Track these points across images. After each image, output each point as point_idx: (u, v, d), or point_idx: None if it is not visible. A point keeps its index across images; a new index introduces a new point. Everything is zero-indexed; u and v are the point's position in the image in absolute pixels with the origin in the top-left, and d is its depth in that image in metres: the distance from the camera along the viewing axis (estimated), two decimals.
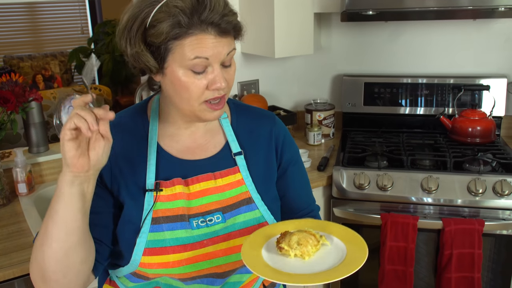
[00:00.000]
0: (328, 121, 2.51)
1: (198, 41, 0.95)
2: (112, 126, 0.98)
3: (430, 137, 2.40)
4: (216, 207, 1.09)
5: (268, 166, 1.18)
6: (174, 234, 1.05)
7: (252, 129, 1.19)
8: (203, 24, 0.94)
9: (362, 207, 2.04)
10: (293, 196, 1.23)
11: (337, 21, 2.57)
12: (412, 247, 1.93)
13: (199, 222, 1.07)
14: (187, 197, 1.08)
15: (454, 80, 2.40)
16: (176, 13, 0.93)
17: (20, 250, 1.54)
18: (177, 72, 0.98)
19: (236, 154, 1.14)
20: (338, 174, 2.05)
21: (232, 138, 1.16)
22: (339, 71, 2.66)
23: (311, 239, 0.96)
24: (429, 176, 1.95)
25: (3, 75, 1.74)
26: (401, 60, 2.55)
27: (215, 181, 1.11)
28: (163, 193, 1.07)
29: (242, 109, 1.23)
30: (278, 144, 1.20)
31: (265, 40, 2.22)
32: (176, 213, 1.06)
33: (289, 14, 2.18)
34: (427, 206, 1.96)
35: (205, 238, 1.07)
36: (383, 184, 1.98)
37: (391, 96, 2.49)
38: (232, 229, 1.09)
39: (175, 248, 1.05)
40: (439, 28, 2.45)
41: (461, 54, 2.46)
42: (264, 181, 1.16)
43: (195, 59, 0.96)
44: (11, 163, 1.95)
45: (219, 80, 0.99)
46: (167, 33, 0.94)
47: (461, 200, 1.92)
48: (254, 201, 1.12)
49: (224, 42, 0.98)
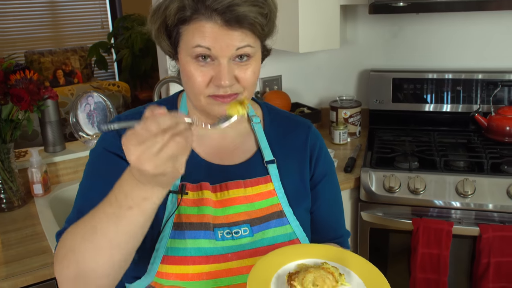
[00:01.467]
0: (354, 119, 2.39)
1: (202, 28, 0.89)
2: (125, 117, 0.97)
3: (463, 136, 2.27)
4: (244, 219, 1.00)
5: (301, 177, 1.08)
6: (197, 243, 0.96)
7: (286, 136, 1.10)
8: (208, 10, 0.88)
9: (391, 211, 1.92)
10: (322, 214, 1.12)
11: (363, 13, 2.44)
12: (446, 255, 1.81)
13: (225, 233, 0.98)
14: (214, 204, 0.99)
15: (488, 75, 2.26)
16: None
17: (33, 256, 1.47)
18: (184, 60, 0.93)
19: (268, 162, 1.05)
20: (366, 176, 1.93)
21: (264, 144, 1.07)
22: (365, 66, 2.54)
23: (328, 279, 0.82)
24: (465, 179, 1.83)
25: (17, 72, 1.67)
26: (432, 54, 2.41)
27: (245, 189, 1.01)
28: (189, 197, 0.98)
29: (275, 113, 1.14)
30: (313, 154, 1.10)
31: (288, 34, 2.11)
32: (200, 221, 0.97)
33: (314, 7, 2.07)
34: (463, 211, 1.84)
35: (230, 252, 0.97)
36: (415, 187, 1.86)
37: (421, 92, 2.36)
38: (260, 244, 0.99)
39: (195, 258, 0.95)
40: (474, 20, 2.30)
41: (498, 47, 2.31)
42: (297, 194, 1.06)
43: (197, 48, 0.89)
44: (26, 163, 1.88)
45: (223, 77, 0.89)
46: (174, 15, 0.90)
47: (500, 205, 1.79)
48: (285, 215, 1.02)
49: (235, 36, 0.89)
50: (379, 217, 1.93)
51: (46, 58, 5.73)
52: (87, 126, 2.04)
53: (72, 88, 3.63)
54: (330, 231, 1.14)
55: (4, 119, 1.68)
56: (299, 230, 1.03)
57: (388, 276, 0.78)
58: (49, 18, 5.99)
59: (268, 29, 0.97)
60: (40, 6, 5.89)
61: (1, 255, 1.49)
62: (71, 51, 5.94)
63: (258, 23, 0.91)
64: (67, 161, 1.99)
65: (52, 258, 1.45)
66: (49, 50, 5.83)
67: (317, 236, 1.12)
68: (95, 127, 2.05)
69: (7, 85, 1.65)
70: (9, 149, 1.74)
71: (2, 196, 1.76)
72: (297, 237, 1.03)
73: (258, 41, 0.96)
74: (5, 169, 1.74)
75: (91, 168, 1.01)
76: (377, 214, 1.94)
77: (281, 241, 1.01)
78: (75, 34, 6.18)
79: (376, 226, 1.95)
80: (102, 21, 6.30)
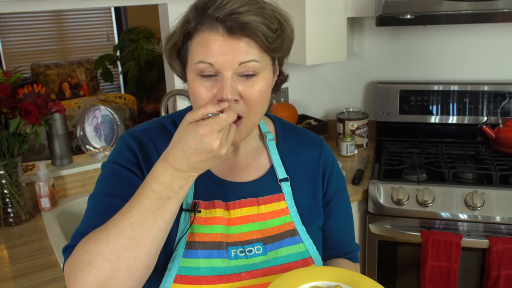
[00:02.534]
0: (361, 131, 2.39)
1: (205, 41, 0.86)
2: (140, 133, 0.99)
3: (471, 148, 2.25)
4: (257, 237, 0.99)
5: (314, 195, 1.07)
6: (210, 263, 0.95)
7: (299, 153, 1.08)
8: (210, 19, 0.86)
9: (400, 223, 1.91)
10: (334, 231, 1.11)
11: (370, 26, 2.45)
12: (455, 267, 1.79)
13: (238, 252, 0.96)
14: (227, 222, 0.98)
15: (495, 87, 2.25)
16: (189, 10, 0.89)
17: (41, 271, 1.46)
18: (190, 77, 0.91)
19: (282, 180, 1.04)
20: (374, 188, 1.92)
21: (278, 162, 1.05)
22: (372, 78, 2.54)
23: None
24: (474, 192, 1.81)
25: (25, 86, 1.68)
26: (440, 67, 2.41)
27: (258, 207, 1.00)
28: (201, 215, 0.97)
29: (288, 129, 1.12)
30: (326, 172, 1.09)
31: (295, 47, 2.10)
32: (213, 239, 0.96)
33: (321, 20, 2.07)
34: (472, 223, 1.82)
35: (243, 271, 0.96)
36: (423, 200, 1.85)
37: (428, 104, 2.35)
38: (274, 263, 0.98)
39: (209, 278, 0.94)
40: (482, 32, 2.30)
41: (503, 59, 2.30)
42: (309, 212, 1.05)
43: (199, 64, 0.87)
44: (34, 177, 1.89)
45: (225, 91, 0.86)
46: (179, 30, 0.90)
47: (509, 217, 1.78)
48: (298, 233, 1.01)
49: (239, 47, 0.86)
50: (387, 230, 1.91)
51: (52, 70, 5.76)
52: (94, 139, 2.04)
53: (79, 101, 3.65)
54: (342, 247, 1.13)
55: (12, 133, 1.68)
56: (312, 248, 1.02)
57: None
58: (55, 31, 6.04)
59: (276, 45, 0.92)
60: (46, 19, 5.94)
61: (8, 269, 1.48)
62: (77, 63, 5.98)
63: (261, 32, 0.87)
64: (74, 174, 1.98)
65: (60, 272, 1.45)
66: (55, 63, 5.87)
67: (329, 252, 1.11)
68: (102, 141, 2.05)
69: (15, 99, 1.65)
70: (16, 163, 1.74)
71: (9, 210, 1.76)
72: (310, 255, 1.02)
73: (266, 57, 0.92)
74: (12, 183, 1.74)
75: (105, 184, 0.98)
76: (385, 226, 1.92)
77: (294, 260, 1.00)
78: (81, 47, 6.22)
79: (384, 238, 1.94)
80: (108, 33, 6.35)
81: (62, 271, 1.39)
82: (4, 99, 1.59)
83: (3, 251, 1.60)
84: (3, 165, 1.70)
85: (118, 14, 6.30)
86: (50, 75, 5.71)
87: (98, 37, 6.30)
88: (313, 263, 1.01)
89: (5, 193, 1.74)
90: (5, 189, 1.73)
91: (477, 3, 1.85)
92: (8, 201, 1.75)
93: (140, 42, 5.39)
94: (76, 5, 1.77)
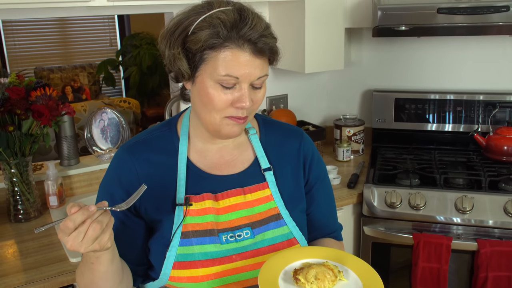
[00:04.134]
0: (357, 137, 2.48)
1: (233, 57, 0.97)
2: (134, 147, 1.10)
3: (463, 155, 2.34)
4: (245, 223, 1.10)
5: (296, 182, 1.18)
6: (203, 249, 1.06)
7: (281, 145, 1.19)
8: (240, 40, 0.96)
9: (393, 226, 1.99)
10: (318, 214, 1.23)
11: (367, 36, 2.54)
12: (445, 269, 1.87)
13: (228, 237, 1.08)
14: (217, 212, 1.09)
15: (487, 96, 2.34)
16: (217, 24, 0.96)
17: (50, 264, 1.54)
18: (206, 83, 1.00)
19: (265, 170, 1.15)
20: (369, 192, 2.01)
21: (261, 154, 1.16)
22: (369, 86, 2.63)
23: (329, 274, 0.95)
24: (463, 196, 1.90)
25: (38, 89, 1.76)
26: (433, 76, 2.50)
27: (244, 196, 1.11)
28: (193, 208, 1.08)
29: (270, 124, 1.23)
30: (306, 160, 1.20)
31: (295, 55, 2.21)
32: (205, 228, 1.07)
33: (320, 30, 2.17)
34: (461, 226, 1.91)
35: (234, 253, 1.08)
36: (415, 203, 1.93)
37: (422, 112, 2.45)
38: (261, 245, 1.10)
39: (204, 262, 1.06)
40: (472, 44, 2.40)
41: (496, 70, 2.40)
42: (292, 197, 1.16)
43: (226, 76, 0.97)
44: (42, 176, 1.97)
45: (245, 100, 1.00)
46: (204, 41, 0.97)
47: (498, 221, 1.86)
48: (282, 217, 1.12)
49: (257, 64, 0.99)
50: (381, 232, 2.00)
51: (55, 74, 5.86)
52: (101, 141, 2.13)
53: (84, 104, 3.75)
54: (326, 227, 1.25)
55: (24, 133, 1.77)
56: (295, 230, 1.13)
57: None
58: (59, 36, 6.14)
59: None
60: (50, 24, 6.04)
61: (19, 262, 1.56)
62: (80, 68, 6.07)
63: (277, 53, 1.04)
64: (81, 174, 2.07)
65: (69, 266, 1.53)
66: (58, 67, 5.96)
67: (315, 233, 1.23)
68: (108, 142, 2.13)
69: (28, 101, 1.74)
70: (27, 162, 1.82)
71: (19, 207, 1.84)
72: (294, 236, 1.12)
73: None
74: (23, 181, 1.82)
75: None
76: (379, 229, 2.01)
77: (280, 241, 1.11)
78: (84, 52, 6.32)
79: (378, 240, 2.02)
80: (111, 39, 6.45)
81: (72, 265, 1.54)
82: (18, 101, 1.67)
83: (13, 245, 1.68)
84: (14, 164, 1.78)
85: (121, 20, 6.40)
86: (53, 79, 5.80)
87: (101, 42, 6.40)
88: (297, 243, 1.12)
89: (16, 190, 1.82)
90: (16, 187, 1.81)
91: (472, 16, 1.94)
92: (18, 198, 1.83)
93: (142, 47, 5.48)
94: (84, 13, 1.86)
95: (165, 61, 1.05)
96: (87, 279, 1.02)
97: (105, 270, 0.99)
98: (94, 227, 0.87)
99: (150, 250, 1.11)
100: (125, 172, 1.10)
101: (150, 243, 1.11)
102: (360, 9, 2.21)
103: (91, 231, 0.87)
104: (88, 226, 0.87)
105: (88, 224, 0.87)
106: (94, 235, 0.88)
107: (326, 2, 2.15)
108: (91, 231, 0.87)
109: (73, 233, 0.86)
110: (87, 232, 0.87)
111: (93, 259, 0.96)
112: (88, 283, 1.03)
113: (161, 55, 1.06)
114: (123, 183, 1.09)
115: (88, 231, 0.87)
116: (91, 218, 0.88)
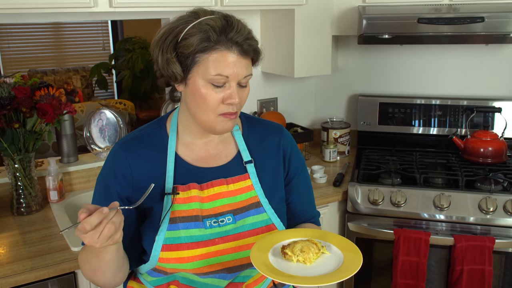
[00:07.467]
0: (343, 139, 2.60)
1: (222, 58, 1.09)
2: (128, 143, 1.22)
3: (443, 157, 2.48)
4: (228, 210, 1.21)
5: (276, 173, 1.30)
6: (189, 233, 1.17)
7: (262, 140, 1.31)
8: (229, 42, 1.09)
9: (375, 222, 2.12)
10: (298, 202, 1.34)
11: (354, 44, 2.67)
12: (424, 262, 2.00)
13: (212, 223, 1.19)
14: (201, 200, 1.20)
15: (467, 102, 2.48)
16: (207, 29, 1.08)
17: (54, 253, 1.64)
18: (198, 83, 1.11)
19: (247, 162, 1.26)
20: (353, 190, 2.13)
21: (243, 147, 1.28)
22: (355, 91, 2.76)
23: (313, 247, 1.08)
24: (441, 194, 2.03)
25: (42, 89, 1.86)
26: (415, 82, 2.64)
27: (227, 186, 1.22)
28: (180, 196, 1.19)
29: (252, 122, 1.35)
30: (286, 154, 1.32)
31: (285, 61, 2.33)
32: (191, 214, 1.19)
33: (308, 37, 2.29)
34: (439, 222, 2.04)
35: (217, 237, 1.19)
36: (396, 201, 2.05)
37: (405, 116, 2.58)
38: (242, 229, 1.21)
39: (189, 245, 1.17)
40: (452, 52, 2.55)
41: (473, 77, 2.55)
42: (271, 187, 1.27)
43: (217, 76, 1.09)
44: (43, 172, 2.06)
45: (234, 96, 1.12)
46: (196, 45, 1.08)
47: (473, 217, 1.99)
48: (262, 205, 1.24)
49: (244, 64, 1.12)
50: (364, 228, 2.12)
51: (48, 77, 5.93)
52: (99, 140, 2.23)
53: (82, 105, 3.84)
54: (305, 214, 1.37)
55: (29, 131, 1.87)
56: (274, 217, 1.24)
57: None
58: (53, 39, 6.21)
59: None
60: (44, 27, 6.11)
61: (24, 251, 1.66)
62: (73, 71, 6.15)
63: (260, 54, 1.16)
64: (80, 171, 2.17)
65: (71, 254, 1.63)
66: (51, 70, 6.04)
67: (295, 220, 1.35)
68: (106, 141, 2.24)
69: (33, 100, 1.84)
70: (31, 158, 1.92)
71: (22, 201, 1.93)
72: (272, 222, 1.24)
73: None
74: (26, 176, 1.92)
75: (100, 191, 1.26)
76: (362, 225, 2.13)
77: (259, 226, 1.23)
78: (77, 55, 6.39)
79: (362, 236, 2.14)
80: (104, 43, 6.53)
81: (73, 254, 1.64)
82: (24, 100, 1.77)
83: (17, 236, 1.77)
84: (18, 159, 1.87)
85: (114, 24, 6.48)
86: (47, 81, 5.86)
87: (94, 46, 6.48)
88: (276, 228, 1.24)
89: (19, 185, 1.91)
90: (19, 181, 1.91)
91: (450, 26, 2.07)
92: (21, 192, 1.92)
93: (135, 52, 5.57)
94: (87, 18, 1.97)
95: (158, 66, 1.15)
96: (93, 265, 1.13)
97: (111, 258, 1.10)
98: (109, 228, 0.99)
99: (142, 235, 1.22)
100: (119, 166, 1.21)
101: (142, 228, 1.22)
102: (347, 18, 2.34)
103: (106, 231, 0.98)
104: (104, 227, 0.98)
105: (104, 225, 0.98)
106: (109, 234, 0.99)
107: (315, 11, 2.28)
108: (107, 230, 0.98)
109: (90, 232, 0.98)
110: (103, 231, 0.98)
111: (102, 248, 1.06)
112: (94, 268, 1.14)
113: (154, 61, 1.16)
114: (117, 176, 1.20)
115: (104, 231, 0.98)
116: (106, 219, 0.99)
